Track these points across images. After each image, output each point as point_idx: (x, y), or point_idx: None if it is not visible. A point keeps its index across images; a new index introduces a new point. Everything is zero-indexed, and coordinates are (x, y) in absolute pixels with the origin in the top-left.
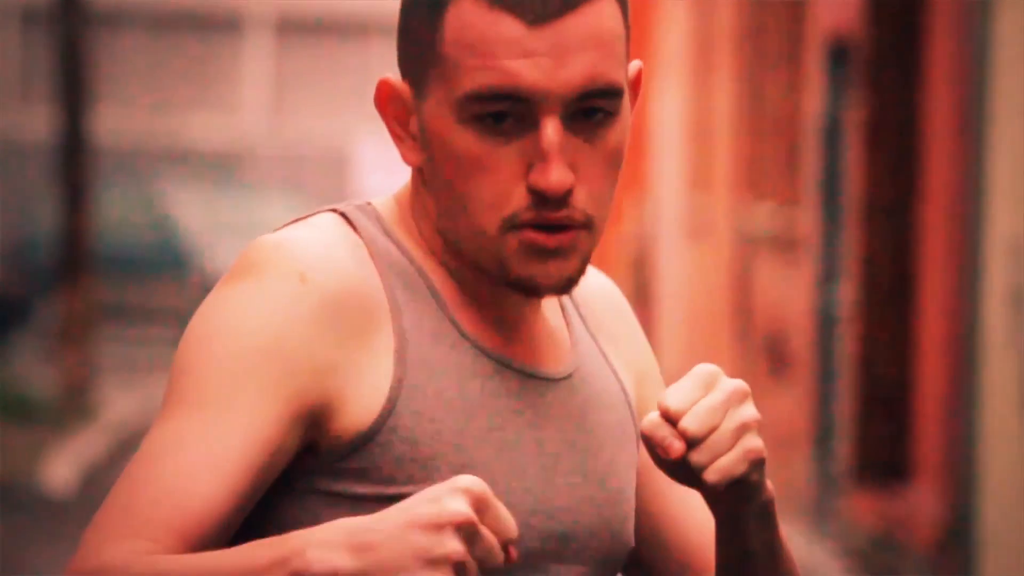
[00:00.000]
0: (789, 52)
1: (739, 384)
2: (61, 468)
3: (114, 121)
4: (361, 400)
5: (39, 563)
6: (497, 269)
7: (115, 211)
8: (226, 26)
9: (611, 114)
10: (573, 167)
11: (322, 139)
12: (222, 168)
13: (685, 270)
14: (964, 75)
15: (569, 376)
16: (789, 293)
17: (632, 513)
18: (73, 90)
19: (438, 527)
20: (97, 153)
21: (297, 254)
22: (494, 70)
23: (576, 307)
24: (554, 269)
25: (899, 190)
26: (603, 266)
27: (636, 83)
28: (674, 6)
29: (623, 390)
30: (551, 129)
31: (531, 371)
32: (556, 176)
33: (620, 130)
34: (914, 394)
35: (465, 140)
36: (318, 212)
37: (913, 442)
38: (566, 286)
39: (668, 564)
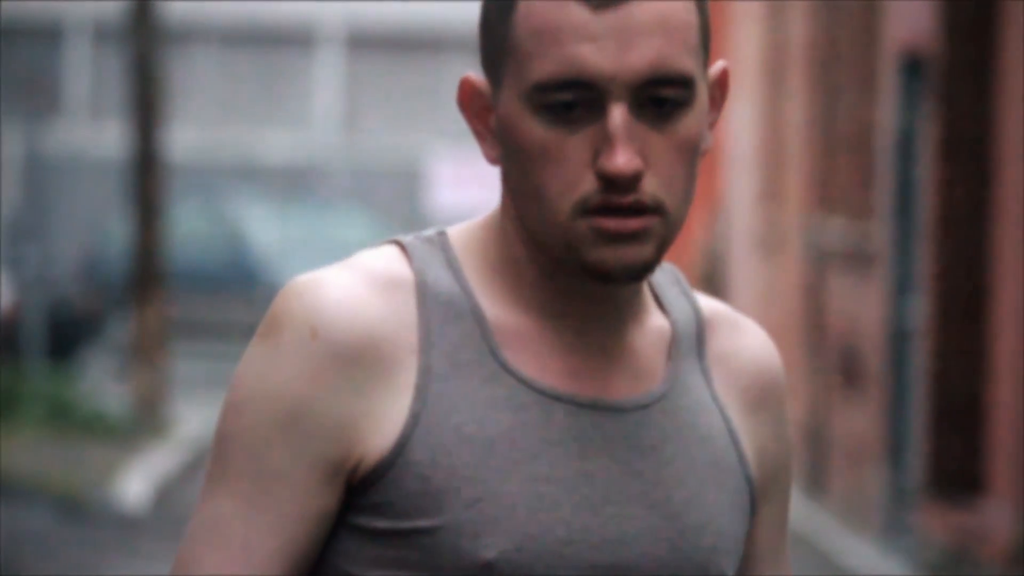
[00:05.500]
0: (862, 66)
1: None
2: (135, 483)
3: (185, 137)
4: (378, 438)
5: None
6: (569, 257)
7: (187, 227)
8: (297, 41)
9: (681, 104)
10: (642, 154)
11: (393, 154)
12: (293, 183)
13: (757, 284)
14: None
15: (646, 406)
16: (862, 307)
17: (729, 550)
18: (144, 106)
19: None
20: (168, 169)
21: (314, 306)
22: (560, 57)
23: (701, 345)
24: (626, 254)
25: (972, 204)
26: None
27: (723, 83)
28: (747, 20)
29: (729, 431)
30: (617, 113)
31: (589, 401)
32: (623, 159)
33: (693, 121)
34: (988, 408)
35: (535, 130)
36: (383, 244)
37: (986, 456)
38: (640, 272)
39: None
